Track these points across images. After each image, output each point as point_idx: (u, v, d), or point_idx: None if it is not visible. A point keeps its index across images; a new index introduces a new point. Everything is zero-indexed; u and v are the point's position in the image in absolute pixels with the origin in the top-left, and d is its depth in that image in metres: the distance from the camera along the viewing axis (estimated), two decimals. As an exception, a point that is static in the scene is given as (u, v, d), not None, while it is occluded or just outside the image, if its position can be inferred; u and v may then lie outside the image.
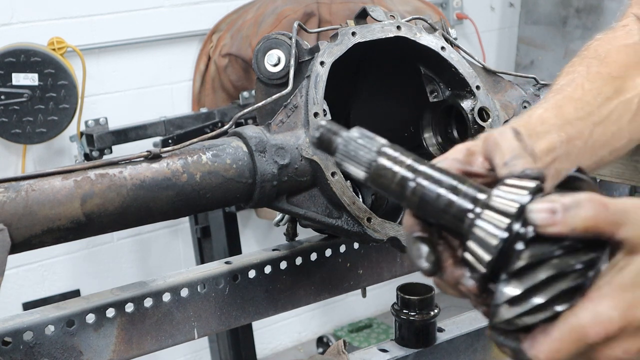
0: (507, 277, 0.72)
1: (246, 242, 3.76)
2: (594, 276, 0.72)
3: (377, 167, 0.77)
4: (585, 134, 1.07)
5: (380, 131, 1.60)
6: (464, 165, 0.84)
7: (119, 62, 3.43)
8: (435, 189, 0.75)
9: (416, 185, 0.76)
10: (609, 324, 0.71)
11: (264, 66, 1.34)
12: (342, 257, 1.55)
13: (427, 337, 1.35)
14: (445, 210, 0.75)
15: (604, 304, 0.72)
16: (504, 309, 0.72)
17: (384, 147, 0.78)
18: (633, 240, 0.73)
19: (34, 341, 1.22)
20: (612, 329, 0.72)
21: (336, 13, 3.41)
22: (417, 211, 0.78)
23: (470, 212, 0.75)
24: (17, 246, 1.09)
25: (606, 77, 1.13)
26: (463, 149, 0.86)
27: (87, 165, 1.15)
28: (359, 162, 0.77)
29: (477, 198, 0.75)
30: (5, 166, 3.23)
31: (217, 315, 1.40)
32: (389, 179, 0.77)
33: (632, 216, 0.73)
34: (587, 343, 0.72)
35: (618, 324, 0.72)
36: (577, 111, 1.08)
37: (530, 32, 4.52)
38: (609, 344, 0.73)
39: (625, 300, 0.72)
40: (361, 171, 0.77)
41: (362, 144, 0.77)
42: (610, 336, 0.72)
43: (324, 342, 4.16)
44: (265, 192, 1.27)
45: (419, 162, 0.77)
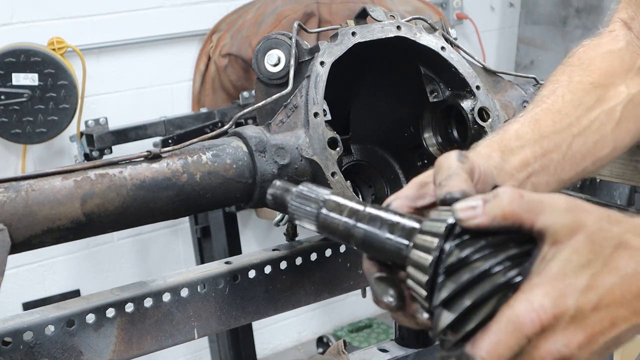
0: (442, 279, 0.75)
1: (246, 242, 3.76)
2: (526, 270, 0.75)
3: (323, 219, 0.83)
4: (563, 147, 1.07)
5: (380, 131, 1.61)
6: (414, 202, 0.87)
7: (119, 62, 3.43)
8: (374, 228, 0.81)
9: (357, 229, 0.81)
10: (542, 311, 0.73)
11: (264, 66, 1.34)
12: (342, 257, 1.55)
13: (427, 337, 1.35)
14: (384, 246, 0.80)
15: (535, 293, 0.73)
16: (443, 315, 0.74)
17: (328, 195, 0.83)
18: (552, 228, 0.75)
19: (34, 341, 1.22)
20: (546, 317, 0.73)
21: (336, 13, 3.41)
22: (363, 251, 0.83)
23: (405, 244, 0.79)
24: (17, 246, 1.09)
25: (588, 86, 1.13)
26: (416, 183, 0.89)
27: (87, 165, 1.15)
28: (307, 216, 0.83)
29: (413, 229, 0.79)
30: (5, 166, 3.23)
31: (217, 315, 1.40)
32: (335, 227, 0.82)
33: (548, 205, 0.75)
34: (525, 334, 0.73)
35: (551, 311, 0.73)
36: (554, 124, 1.08)
37: (530, 32, 4.52)
38: (547, 336, 0.74)
39: (556, 288, 0.73)
40: (312, 225, 0.84)
41: (308, 196, 0.83)
42: (545, 326, 0.73)
43: (324, 342, 4.16)
44: (265, 192, 1.26)
45: (362, 204, 0.83)
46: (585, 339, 0.74)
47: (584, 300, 0.73)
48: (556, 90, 1.13)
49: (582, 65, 1.16)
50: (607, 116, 1.12)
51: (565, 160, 1.07)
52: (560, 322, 0.73)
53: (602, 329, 0.74)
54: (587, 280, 0.74)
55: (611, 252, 0.75)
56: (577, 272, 0.74)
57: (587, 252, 0.74)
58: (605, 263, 0.74)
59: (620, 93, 1.14)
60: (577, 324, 0.74)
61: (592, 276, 0.74)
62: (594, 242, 0.75)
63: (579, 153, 1.09)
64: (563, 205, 0.76)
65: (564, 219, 0.75)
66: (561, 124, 1.08)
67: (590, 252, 0.74)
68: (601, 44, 1.21)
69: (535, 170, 1.03)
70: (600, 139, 1.11)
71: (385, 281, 0.82)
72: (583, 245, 0.74)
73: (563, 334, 0.74)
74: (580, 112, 1.10)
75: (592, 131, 1.10)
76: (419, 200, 0.87)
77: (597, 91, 1.13)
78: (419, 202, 0.87)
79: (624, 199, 1.95)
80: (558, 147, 1.06)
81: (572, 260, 0.74)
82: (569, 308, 0.73)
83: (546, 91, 1.14)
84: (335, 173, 1.28)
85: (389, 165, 1.61)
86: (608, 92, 1.13)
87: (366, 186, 1.58)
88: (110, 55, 3.41)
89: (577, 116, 1.09)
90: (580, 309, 0.73)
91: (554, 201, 0.76)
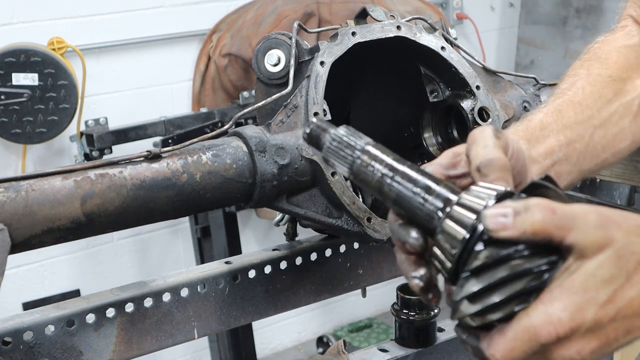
0: (468, 274, 0.76)
1: (246, 242, 3.76)
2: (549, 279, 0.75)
3: (359, 164, 0.81)
4: (586, 137, 1.09)
5: (380, 131, 1.61)
6: (447, 170, 0.88)
7: (119, 62, 3.43)
8: (410, 187, 0.80)
9: (393, 183, 0.80)
10: (559, 324, 0.74)
11: (264, 66, 1.34)
12: (342, 257, 1.55)
13: (427, 337, 1.35)
14: (418, 208, 0.80)
15: (554, 305, 0.74)
16: (464, 305, 0.76)
17: (368, 145, 0.82)
18: (582, 244, 0.75)
19: (34, 341, 1.22)
20: (563, 329, 0.74)
21: (336, 13, 3.41)
22: (393, 207, 0.82)
23: (440, 210, 0.79)
24: (17, 246, 1.09)
25: (606, 79, 1.14)
26: (449, 153, 0.90)
27: (87, 165, 1.15)
28: (343, 158, 0.82)
29: (449, 199, 0.79)
30: (5, 166, 3.23)
31: (217, 315, 1.40)
32: (370, 176, 0.81)
33: (580, 221, 0.75)
34: (540, 343, 0.74)
35: (568, 324, 0.74)
36: (576, 115, 1.09)
37: (530, 32, 4.52)
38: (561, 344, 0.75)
39: (575, 302, 0.74)
40: (345, 167, 0.82)
41: (347, 142, 0.82)
42: (561, 337, 0.74)
43: (324, 342, 4.16)
44: (265, 192, 1.27)
45: (400, 161, 0.82)
46: (598, 346, 0.75)
47: (602, 313, 0.74)
48: (576, 82, 1.14)
49: (599, 59, 1.18)
50: (625, 109, 1.13)
51: (587, 151, 1.09)
52: (576, 334, 0.74)
53: (616, 337, 0.75)
54: (608, 295, 0.74)
55: (635, 266, 0.75)
56: (599, 287, 0.74)
57: (611, 267, 0.75)
58: (629, 277, 0.75)
59: (637, 87, 1.15)
60: (592, 334, 0.75)
61: (614, 291, 0.75)
62: (620, 257, 0.75)
63: (599, 144, 1.10)
64: (594, 221, 0.75)
65: (594, 235, 0.75)
66: (583, 115, 1.10)
67: (614, 267, 0.75)
68: (616, 38, 1.22)
69: (559, 159, 1.05)
70: (619, 131, 1.12)
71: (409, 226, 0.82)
72: (609, 260, 0.75)
73: (578, 342, 0.75)
74: (600, 104, 1.12)
75: (611, 123, 1.12)
76: (451, 169, 0.88)
77: (615, 84, 1.14)
78: (451, 171, 0.88)
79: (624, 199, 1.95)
80: (581, 137, 1.08)
81: (595, 275, 0.74)
82: (586, 321, 0.74)
83: (566, 84, 1.16)
84: (335, 173, 1.28)
85: (389, 165, 1.60)
86: (625, 85, 1.15)
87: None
88: (110, 55, 3.41)
89: (598, 108, 1.11)
90: (598, 322, 0.74)
91: (585, 216, 0.75)
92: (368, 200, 1.55)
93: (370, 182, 0.82)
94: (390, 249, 1.52)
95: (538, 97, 1.53)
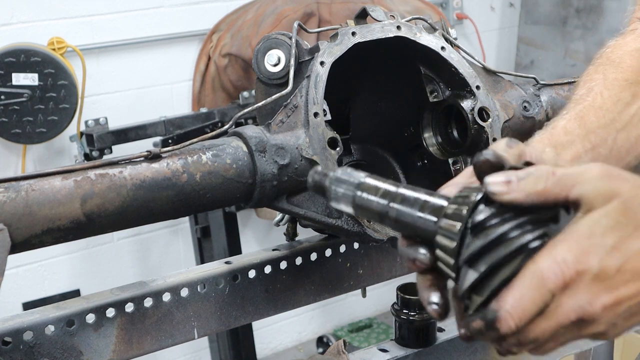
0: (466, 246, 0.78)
1: (246, 242, 3.76)
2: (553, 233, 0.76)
3: (359, 201, 0.86)
4: (609, 141, 1.10)
5: (380, 131, 1.61)
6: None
7: (119, 62, 3.43)
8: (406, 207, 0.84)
9: (391, 209, 0.85)
10: (564, 265, 0.74)
11: (264, 66, 1.34)
12: (342, 257, 1.55)
13: (427, 337, 1.35)
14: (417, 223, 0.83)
15: (559, 248, 0.75)
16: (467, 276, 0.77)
17: (362, 179, 0.87)
18: (587, 197, 0.76)
19: (34, 341, 1.22)
20: (569, 271, 0.74)
21: (336, 13, 3.41)
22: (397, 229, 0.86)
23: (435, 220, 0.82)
24: (17, 246, 1.09)
25: (623, 83, 1.15)
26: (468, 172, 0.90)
27: (87, 165, 1.15)
28: (344, 199, 0.87)
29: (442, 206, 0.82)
30: (5, 166, 3.23)
31: (217, 315, 1.40)
32: (370, 208, 0.86)
33: (584, 176, 0.77)
34: (548, 288, 0.74)
35: (574, 266, 0.74)
36: (599, 119, 1.11)
37: (530, 32, 4.52)
38: (570, 291, 0.74)
39: (580, 246, 0.74)
40: (349, 207, 0.87)
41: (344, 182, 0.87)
42: (568, 281, 0.74)
43: (324, 342, 4.16)
44: (265, 192, 1.27)
45: (394, 185, 0.86)
46: (610, 301, 0.75)
47: (609, 260, 0.74)
48: (593, 88, 1.15)
49: (613, 63, 1.19)
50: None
51: (612, 155, 1.10)
52: (584, 279, 0.74)
53: (628, 293, 0.75)
54: (614, 242, 0.74)
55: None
56: (605, 233, 0.75)
57: (618, 216, 0.75)
58: (636, 228, 0.75)
59: None
60: (601, 284, 0.74)
61: (620, 238, 0.75)
62: (627, 208, 0.75)
63: (623, 147, 1.12)
64: (597, 173, 0.77)
65: (598, 186, 0.76)
66: (604, 120, 1.11)
67: (621, 216, 0.75)
68: (627, 42, 1.23)
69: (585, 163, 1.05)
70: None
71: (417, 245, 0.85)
72: (615, 209, 0.75)
73: (587, 291, 0.74)
74: (620, 107, 1.13)
75: (633, 126, 1.13)
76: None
77: (632, 87, 1.15)
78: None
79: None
80: (604, 141, 1.09)
81: (600, 222, 0.75)
82: (592, 266, 0.74)
83: (583, 90, 1.16)
84: (335, 173, 1.28)
85: (389, 165, 1.61)
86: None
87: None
88: (110, 55, 3.41)
89: (618, 112, 1.12)
90: (604, 269, 0.74)
91: (587, 171, 0.77)
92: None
93: (372, 211, 0.86)
94: (390, 249, 1.52)
95: (538, 97, 1.53)
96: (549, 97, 1.54)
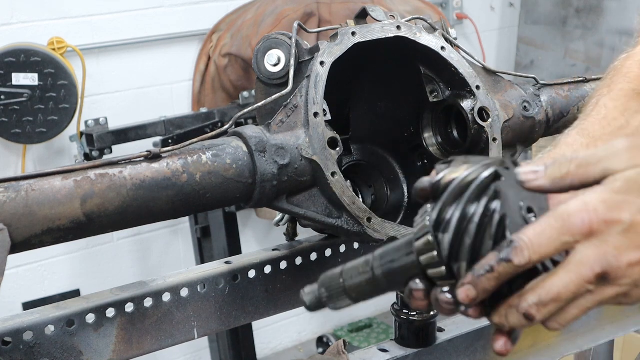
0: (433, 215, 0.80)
1: (246, 242, 3.76)
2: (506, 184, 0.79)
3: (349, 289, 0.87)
4: None
5: (380, 131, 1.61)
6: None
7: (119, 62, 3.43)
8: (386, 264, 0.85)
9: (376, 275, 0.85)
10: (594, 213, 0.73)
11: (264, 66, 1.34)
12: (342, 257, 1.55)
13: (427, 337, 1.35)
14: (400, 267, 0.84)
15: (592, 196, 0.75)
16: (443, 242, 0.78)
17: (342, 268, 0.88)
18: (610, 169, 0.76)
19: (34, 341, 1.22)
20: (597, 220, 0.74)
21: (336, 13, 3.41)
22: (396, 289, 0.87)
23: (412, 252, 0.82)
24: (17, 246, 1.09)
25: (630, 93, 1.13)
26: None
27: (87, 165, 1.15)
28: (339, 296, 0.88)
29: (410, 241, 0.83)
30: (5, 166, 3.23)
31: (217, 315, 1.40)
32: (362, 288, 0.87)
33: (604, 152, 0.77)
34: (571, 232, 0.74)
35: (603, 216, 0.73)
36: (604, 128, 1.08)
37: (530, 32, 4.52)
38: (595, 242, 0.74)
39: (614, 200, 0.74)
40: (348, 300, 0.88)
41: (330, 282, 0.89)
42: (595, 230, 0.74)
43: (324, 342, 4.16)
44: (265, 192, 1.27)
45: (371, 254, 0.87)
46: (637, 259, 0.74)
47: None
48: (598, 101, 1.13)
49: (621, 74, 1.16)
50: None
51: None
52: (612, 231, 0.74)
53: None
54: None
55: None
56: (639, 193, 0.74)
57: None
58: None
59: None
60: (629, 239, 0.74)
61: None
62: None
63: None
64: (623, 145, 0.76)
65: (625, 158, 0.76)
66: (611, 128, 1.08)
67: None
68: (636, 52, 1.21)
69: None
70: None
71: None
72: None
73: (614, 244, 0.74)
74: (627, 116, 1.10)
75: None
76: None
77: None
78: None
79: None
80: None
81: (637, 181, 0.74)
82: (623, 220, 0.73)
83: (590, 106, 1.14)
84: (335, 173, 1.28)
85: (389, 165, 1.60)
86: None
87: (366, 186, 1.57)
88: (110, 55, 3.41)
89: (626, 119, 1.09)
90: (635, 225, 0.73)
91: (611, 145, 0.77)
92: (368, 201, 1.55)
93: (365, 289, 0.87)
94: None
95: (538, 97, 1.52)
96: (549, 97, 1.54)
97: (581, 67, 4.17)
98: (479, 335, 1.41)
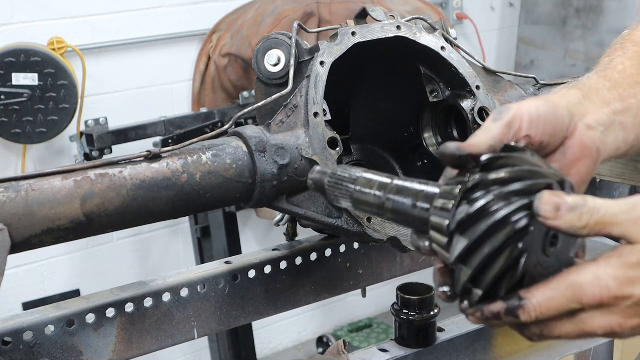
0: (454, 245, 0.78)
1: (246, 242, 3.76)
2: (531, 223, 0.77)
3: (356, 195, 0.88)
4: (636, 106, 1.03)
5: (380, 131, 1.61)
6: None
7: (119, 62, 3.43)
8: (401, 200, 0.85)
9: (387, 201, 0.86)
10: (606, 289, 0.75)
11: (264, 66, 1.34)
12: (342, 257, 1.55)
13: (427, 337, 1.35)
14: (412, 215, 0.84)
15: (606, 270, 0.75)
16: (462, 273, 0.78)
17: (359, 174, 0.89)
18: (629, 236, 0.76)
19: (34, 341, 1.22)
20: (608, 295, 0.75)
21: (336, 13, 3.41)
22: (397, 222, 0.88)
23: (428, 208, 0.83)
24: (17, 246, 1.09)
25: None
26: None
27: (87, 165, 1.15)
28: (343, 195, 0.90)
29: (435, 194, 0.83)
30: (5, 166, 3.23)
31: (217, 315, 1.41)
32: (367, 202, 0.88)
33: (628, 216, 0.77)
34: (581, 302, 0.75)
35: (615, 293, 0.75)
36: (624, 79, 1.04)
37: (530, 32, 4.52)
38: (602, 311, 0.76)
39: (627, 276, 0.75)
40: (348, 202, 0.89)
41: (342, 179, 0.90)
42: (605, 303, 0.75)
43: (324, 342, 4.16)
44: (265, 192, 1.27)
45: (390, 178, 0.87)
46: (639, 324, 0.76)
47: None
48: (614, 59, 1.09)
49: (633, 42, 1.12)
50: None
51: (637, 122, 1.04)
52: (621, 305, 0.75)
53: None
54: None
55: None
56: None
57: None
58: None
59: None
60: (636, 310, 0.75)
61: None
62: None
63: None
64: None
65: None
66: (629, 81, 1.05)
67: None
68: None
69: (617, 110, 1.00)
70: None
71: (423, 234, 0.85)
72: None
73: (621, 315, 0.76)
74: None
75: None
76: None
77: None
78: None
79: (624, 199, 1.94)
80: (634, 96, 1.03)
81: None
82: (633, 296, 0.75)
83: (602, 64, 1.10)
84: (335, 173, 1.28)
85: (389, 165, 1.60)
86: None
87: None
88: (110, 55, 3.41)
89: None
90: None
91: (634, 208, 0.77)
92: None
93: (369, 205, 0.87)
94: (390, 249, 1.52)
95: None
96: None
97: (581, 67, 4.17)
98: (479, 335, 1.41)
